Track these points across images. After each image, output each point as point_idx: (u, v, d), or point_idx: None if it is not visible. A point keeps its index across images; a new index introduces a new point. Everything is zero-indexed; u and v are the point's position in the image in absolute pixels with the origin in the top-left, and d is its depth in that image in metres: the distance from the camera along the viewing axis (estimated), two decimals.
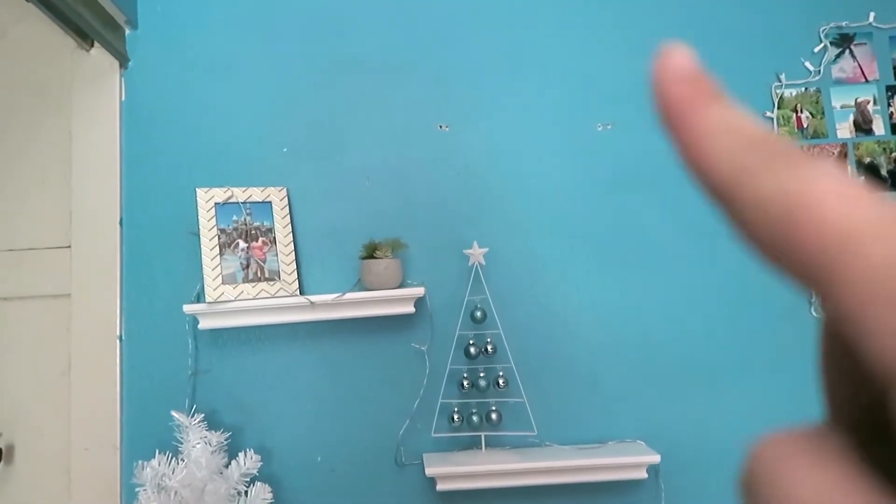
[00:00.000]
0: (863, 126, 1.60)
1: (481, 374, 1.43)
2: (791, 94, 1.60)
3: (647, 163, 1.57)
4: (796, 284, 0.16)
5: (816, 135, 1.59)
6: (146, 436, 1.45)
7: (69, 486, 1.45)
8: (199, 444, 1.32)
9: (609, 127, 1.59)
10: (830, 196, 0.16)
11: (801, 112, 1.60)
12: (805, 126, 1.60)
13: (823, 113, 1.60)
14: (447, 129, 1.58)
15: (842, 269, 0.15)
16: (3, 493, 1.49)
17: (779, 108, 1.59)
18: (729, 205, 0.18)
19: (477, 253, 1.45)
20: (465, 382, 1.43)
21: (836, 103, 1.61)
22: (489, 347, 1.43)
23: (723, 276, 1.53)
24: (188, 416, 1.35)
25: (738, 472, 0.18)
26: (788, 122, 1.59)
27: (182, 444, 1.33)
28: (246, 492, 1.34)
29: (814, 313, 1.52)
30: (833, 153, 1.59)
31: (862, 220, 0.15)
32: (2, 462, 1.48)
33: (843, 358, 0.18)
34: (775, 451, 0.18)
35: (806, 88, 1.61)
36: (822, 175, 0.16)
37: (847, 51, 1.62)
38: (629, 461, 1.39)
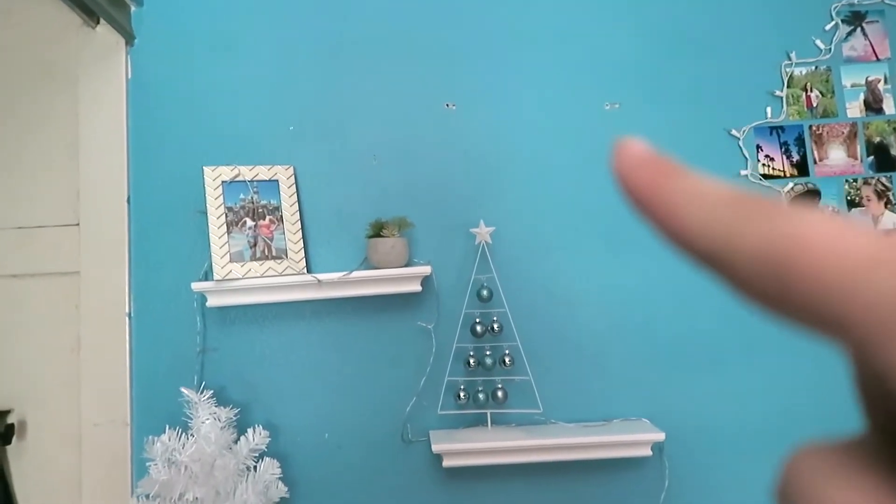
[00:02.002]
0: (873, 105, 1.58)
1: (487, 353, 1.44)
2: (801, 72, 1.59)
3: (655, 142, 1.54)
4: (809, 332, 0.16)
5: (826, 114, 1.58)
6: (156, 412, 1.46)
7: (80, 461, 1.47)
8: (208, 419, 1.34)
9: (617, 106, 1.58)
10: (820, 235, 0.15)
11: (811, 91, 1.59)
12: (815, 105, 1.58)
13: (833, 92, 1.59)
14: (454, 107, 1.58)
15: (850, 306, 0.14)
16: (16, 467, 1.52)
17: (788, 86, 1.58)
18: (720, 268, 0.18)
19: (483, 232, 1.45)
20: (472, 361, 1.44)
21: (847, 82, 1.59)
22: (495, 326, 1.44)
23: None
24: (197, 393, 1.36)
25: (773, 482, 0.19)
26: (798, 101, 1.58)
27: (191, 419, 1.34)
28: (255, 467, 1.36)
29: None
30: (843, 133, 1.57)
31: (858, 252, 0.15)
32: (14, 437, 1.50)
33: (874, 380, 0.18)
34: (812, 463, 0.17)
35: (816, 67, 1.59)
36: (805, 218, 0.16)
37: (858, 29, 1.61)
38: (634, 439, 1.40)
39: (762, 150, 1.57)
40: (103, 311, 1.49)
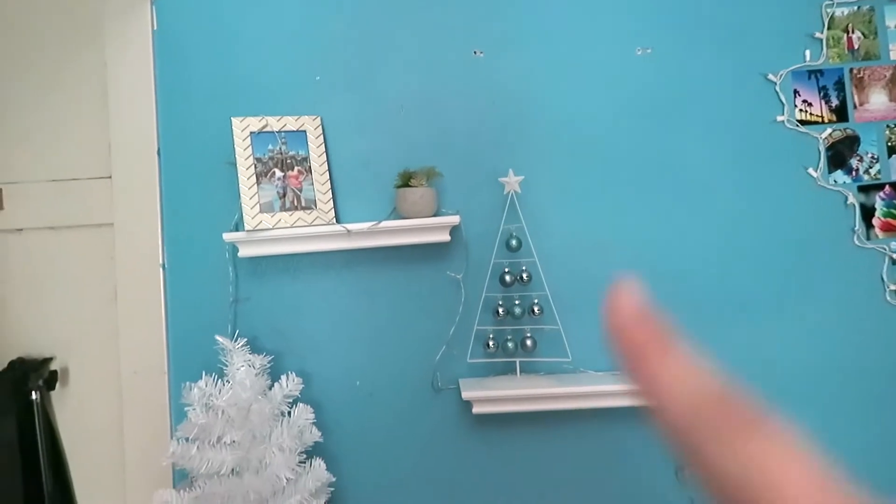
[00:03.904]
0: None
1: (517, 302, 1.44)
2: (842, 13, 1.53)
3: (688, 89, 1.52)
4: None
5: (868, 56, 1.52)
6: (191, 360, 1.50)
7: (121, 407, 1.52)
8: (242, 366, 1.37)
9: (649, 51, 1.53)
10: (791, 483, 0.16)
11: (853, 32, 1.53)
12: (856, 47, 1.53)
13: (876, 33, 1.53)
14: (482, 55, 1.55)
15: None
16: (60, 412, 1.58)
17: (829, 28, 1.52)
18: (694, 461, 0.19)
19: (512, 181, 1.44)
20: (501, 310, 1.45)
21: (890, 23, 1.53)
22: (524, 276, 1.44)
23: (761, 206, 1.51)
24: (231, 341, 1.39)
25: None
26: (838, 43, 1.52)
27: (226, 366, 1.37)
28: (289, 412, 1.39)
29: (856, 242, 1.49)
30: (885, 76, 1.52)
31: None
32: (58, 383, 1.56)
33: None
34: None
35: (858, 7, 1.53)
36: (782, 457, 0.17)
37: None
38: None
39: (799, 95, 1.52)
40: (137, 262, 1.52)
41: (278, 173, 1.46)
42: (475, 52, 1.55)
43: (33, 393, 1.49)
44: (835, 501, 0.16)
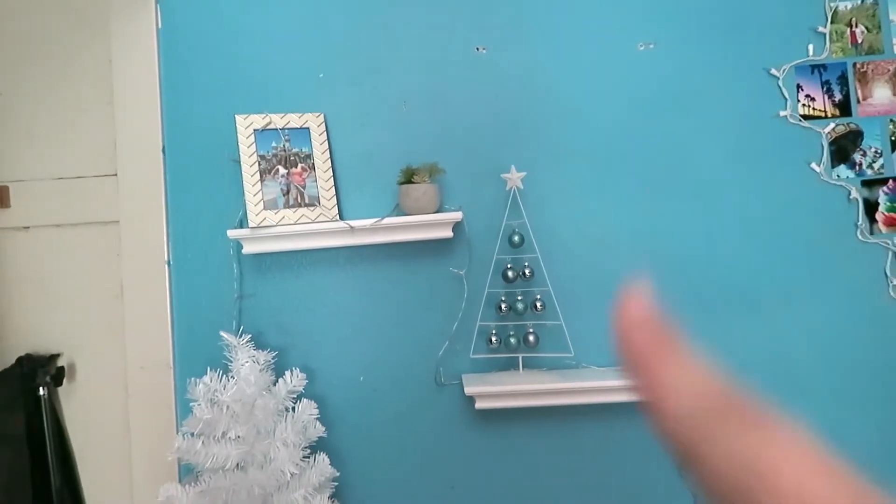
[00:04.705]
0: None
1: (519, 298, 1.45)
2: (846, 7, 1.52)
3: (690, 84, 1.52)
4: None
5: (871, 51, 1.52)
6: (197, 355, 1.51)
7: (127, 402, 1.54)
8: (247, 362, 1.38)
9: (651, 46, 1.53)
10: (791, 469, 0.16)
11: (856, 27, 1.52)
12: (860, 41, 1.52)
13: (880, 27, 1.52)
14: (484, 51, 1.55)
15: None
16: (67, 408, 1.59)
17: (832, 22, 1.51)
18: (693, 462, 0.19)
19: (515, 177, 1.44)
20: (503, 306, 1.45)
21: (894, 16, 1.52)
22: (527, 271, 1.44)
23: (764, 202, 1.50)
24: (236, 337, 1.40)
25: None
26: (842, 37, 1.52)
27: (231, 362, 1.38)
28: (293, 408, 1.40)
29: (859, 237, 1.48)
30: (889, 70, 1.51)
31: (815, 495, 0.16)
32: (65, 379, 1.57)
33: None
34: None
35: (862, 1, 1.52)
36: (783, 446, 0.17)
37: None
38: None
39: (802, 90, 1.52)
40: (143, 259, 1.54)
41: (282, 170, 1.47)
42: (478, 49, 1.55)
43: (41, 389, 1.51)
44: (837, 488, 0.16)
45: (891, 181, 1.50)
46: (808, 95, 1.51)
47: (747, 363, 1.48)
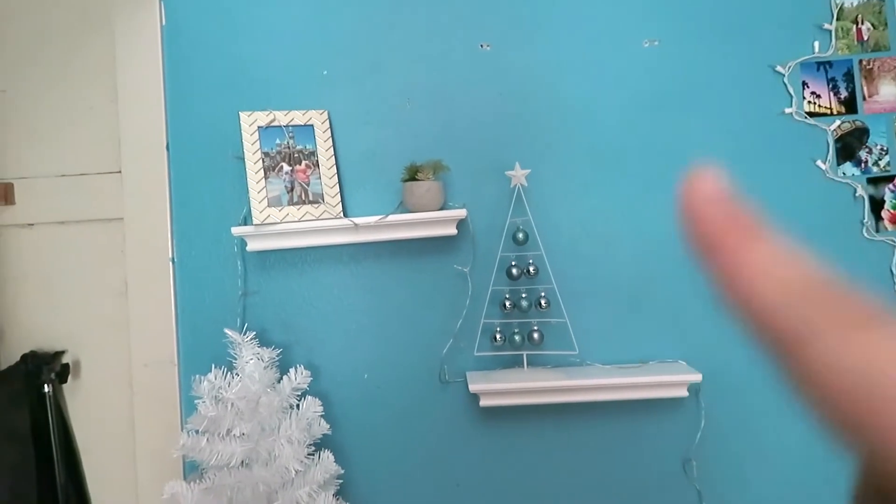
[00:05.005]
0: None
1: (523, 296, 1.44)
2: (851, 3, 1.51)
3: (695, 81, 1.52)
4: (842, 435, 0.16)
5: (877, 48, 1.51)
6: (201, 352, 1.51)
7: (132, 399, 1.54)
8: (251, 359, 1.38)
9: (656, 44, 1.53)
10: None
11: (862, 24, 1.52)
12: (865, 38, 1.51)
13: (886, 24, 1.51)
14: (489, 48, 1.55)
15: None
16: (72, 404, 1.60)
17: (838, 19, 1.51)
18: (789, 356, 0.17)
19: (519, 174, 1.44)
20: (507, 303, 1.45)
21: None
22: (531, 269, 1.44)
23: (770, 199, 1.50)
24: (240, 334, 1.40)
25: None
26: (848, 34, 1.51)
27: (236, 359, 1.38)
28: (297, 405, 1.40)
29: (865, 234, 1.48)
30: (894, 67, 1.51)
31: None
32: (69, 376, 1.58)
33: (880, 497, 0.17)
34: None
35: None
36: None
37: None
38: (670, 379, 1.40)
39: (808, 87, 1.51)
40: (147, 255, 1.54)
41: (286, 167, 1.47)
42: (482, 46, 1.55)
43: (46, 386, 1.51)
44: None
45: None
46: (813, 92, 1.51)
47: (752, 358, 1.47)
